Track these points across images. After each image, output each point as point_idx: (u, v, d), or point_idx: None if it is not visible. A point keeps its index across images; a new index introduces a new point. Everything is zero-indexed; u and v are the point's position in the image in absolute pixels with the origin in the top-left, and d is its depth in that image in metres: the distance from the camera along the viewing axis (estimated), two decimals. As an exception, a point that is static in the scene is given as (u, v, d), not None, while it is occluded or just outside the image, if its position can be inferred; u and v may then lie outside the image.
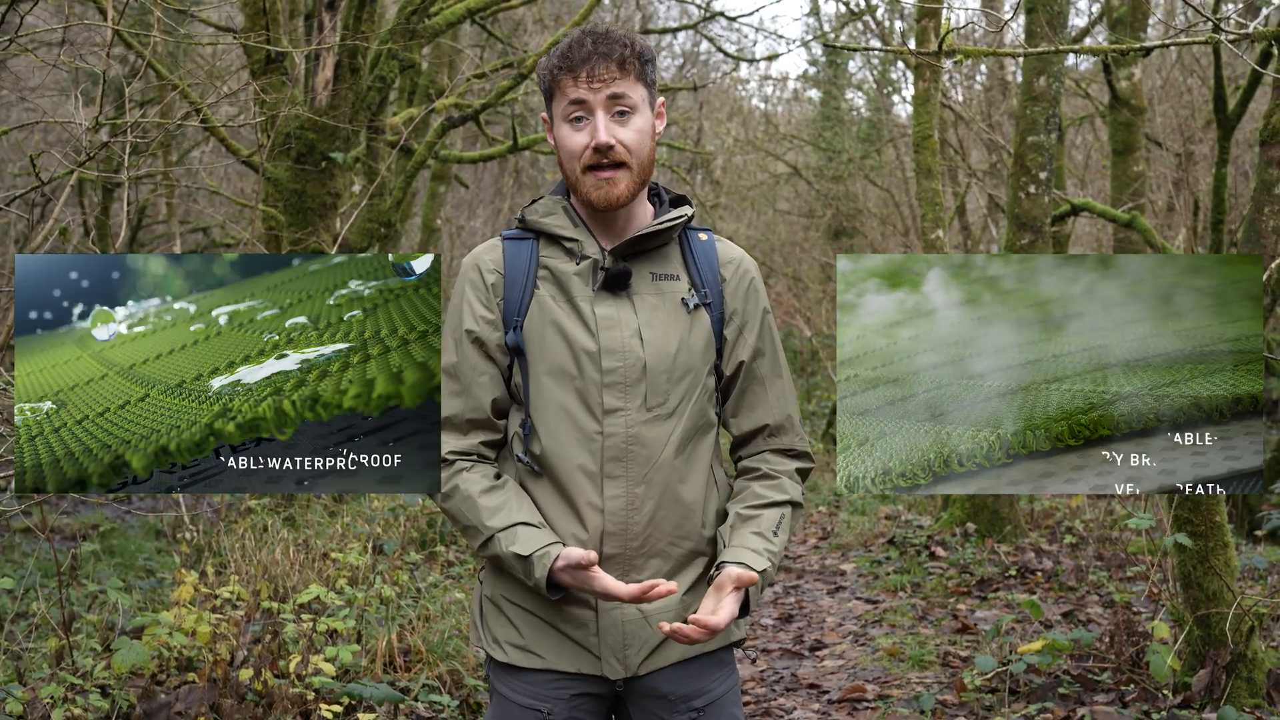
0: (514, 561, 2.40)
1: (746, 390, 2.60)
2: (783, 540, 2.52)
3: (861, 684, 5.68)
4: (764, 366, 2.60)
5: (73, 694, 4.26)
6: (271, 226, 8.61)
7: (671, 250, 2.58)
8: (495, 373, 2.51)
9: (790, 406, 2.64)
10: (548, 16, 16.67)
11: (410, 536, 7.57)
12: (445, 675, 5.30)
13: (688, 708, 2.52)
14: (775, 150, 20.64)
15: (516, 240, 2.56)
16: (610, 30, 2.47)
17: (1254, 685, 4.74)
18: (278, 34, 8.51)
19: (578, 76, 2.43)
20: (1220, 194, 6.80)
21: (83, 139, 5.04)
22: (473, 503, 2.45)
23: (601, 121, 2.44)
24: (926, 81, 9.38)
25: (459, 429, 2.52)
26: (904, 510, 9.81)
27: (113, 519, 9.67)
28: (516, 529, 2.41)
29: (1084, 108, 14.50)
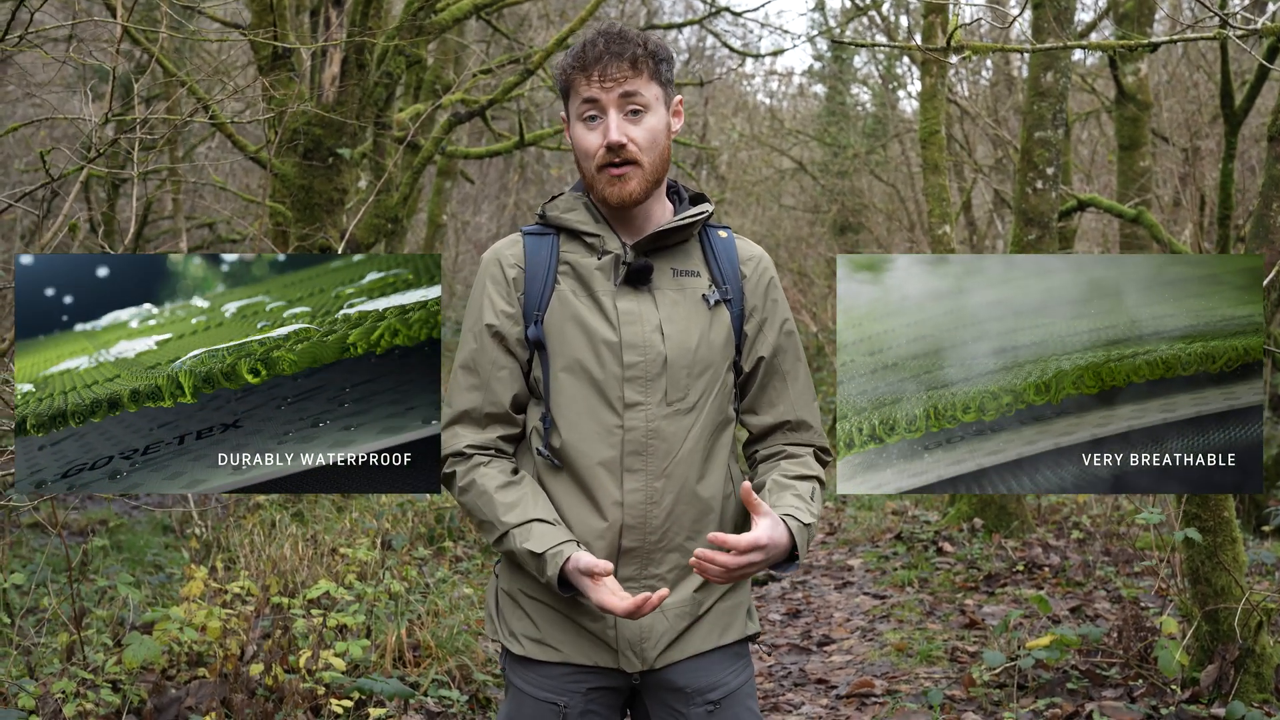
0: (527, 558, 2.41)
1: (767, 386, 2.62)
2: (818, 508, 2.54)
3: (869, 679, 5.69)
4: (785, 363, 2.62)
5: (84, 689, 4.28)
6: (279, 222, 8.62)
7: (692, 247, 2.60)
8: (515, 367, 2.53)
9: (810, 407, 2.66)
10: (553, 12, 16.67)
11: (419, 532, 7.59)
12: (455, 670, 5.31)
13: (704, 700, 2.53)
14: (780, 145, 20.62)
15: (537, 236, 2.58)
16: (624, 29, 2.49)
17: (1262, 680, 4.74)
18: (285, 30, 8.51)
19: (590, 75, 2.45)
20: (1227, 189, 6.79)
21: (91, 135, 5.05)
22: (489, 498, 2.46)
23: (614, 120, 2.45)
24: (933, 77, 9.38)
25: (477, 423, 2.53)
26: (911, 506, 9.82)
27: (121, 514, 9.69)
28: (531, 525, 2.42)
29: (1090, 103, 14.48)
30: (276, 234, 8.60)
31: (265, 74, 8.52)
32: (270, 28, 8.26)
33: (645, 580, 2.50)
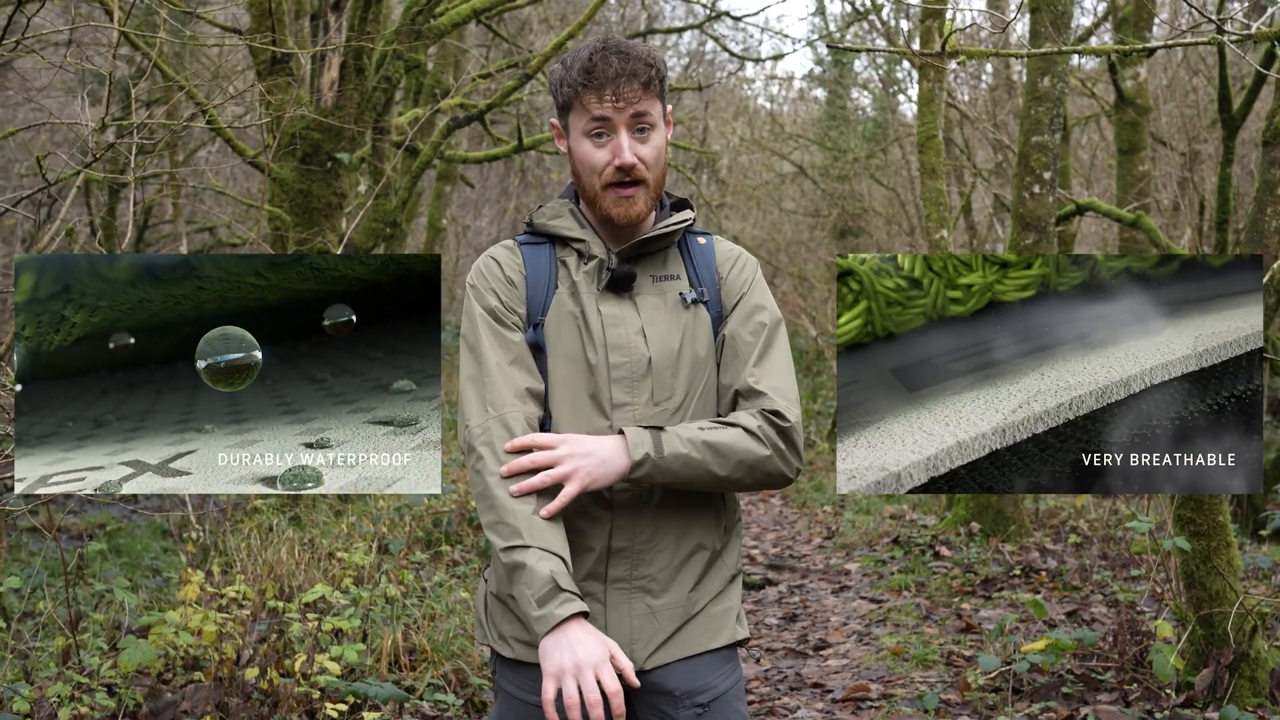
0: (542, 581, 2.32)
1: (724, 361, 2.56)
2: (717, 437, 2.44)
3: (865, 683, 5.69)
4: (744, 335, 2.55)
5: (79, 692, 4.29)
6: (277, 227, 8.63)
7: (672, 253, 2.63)
8: (522, 351, 2.52)
9: (771, 376, 2.53)
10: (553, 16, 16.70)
11: (416, 536, 7.59)
12: (450, 674, 5.32)
13: (693, 703, 2.54)
14: (781, 150, 20.63)
15: (533, 245, 2.59)
16: (631, 47, 2.49)
17: (1257, 684, 4.74)
18: (283, 35, 8.53)
19: (603, 95, 2.46)
20: (1225, 194, 6.79)
21: (89, 140, 5.07)
22: (514, 506, 2.40)
23: (625, 141, 2.48)
24: (931, 82, 9.39)
25: (513, 399, 2.47)
26: (909, 510, 9.82)
27: (119, 518, 9.70)
28: (553, 557, 2.35)
29: (1090, 107, 14.49)
30: (275, 238, 8.61)
31: (264, 79, 8.54)
32: (269, 32, 8.28)
33: (636, 581, 2.51)
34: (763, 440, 2.47)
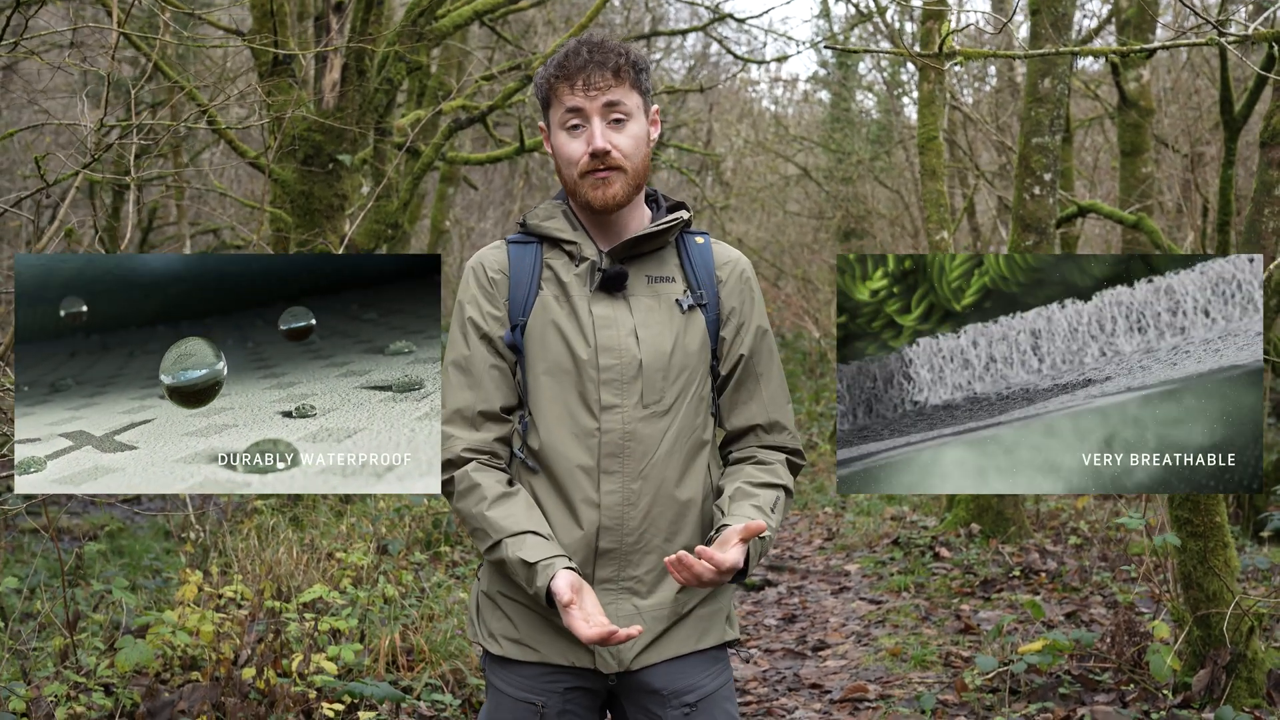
0: (519, 567, 2.41)
1: (741, 387, 2.64)
2: (777, 521, 2.55)
3: (863, 684, 5.69)
4: (760, 364, 2.64)
5: (76, 692, 4.30)
6: (279, 228, 8.65)
7: (668, 254, 2.63)
8: (505, 367, 2.55)
9: (784, 408, 2.67)
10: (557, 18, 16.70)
11: (415, 537, 7.60)
12: (448, 674, 5.32)
13: (680, 703, 2.54)
14: (785, 152, 20.63)
15: (521, 244, 2.61)
16: (605, 40, 2.53)
17: (1254, 685, 4.74)
18: (285, 36, 8.54)
19: (574, 85, 2.49)
20: (1227, 195, 6.78)
21: (88, 141, 5.08)
22: (485, 507, 2.47)
23: (598, 128, 2.49)
24: (931, 84, 9.39)
25: (470, 422, 2.53)
26: (909, 511, 9.82)
27: (121, 519, 9.72)
28: (525, 537, 2.43)
29: (1093, 109, 14.47)
30: (276, 239, 8.63)
31: (265, 80, 8.55)
32: (271, 34, 8.29)
33: (623, 582, 2.51)
34: (792, 492, 2.65)
